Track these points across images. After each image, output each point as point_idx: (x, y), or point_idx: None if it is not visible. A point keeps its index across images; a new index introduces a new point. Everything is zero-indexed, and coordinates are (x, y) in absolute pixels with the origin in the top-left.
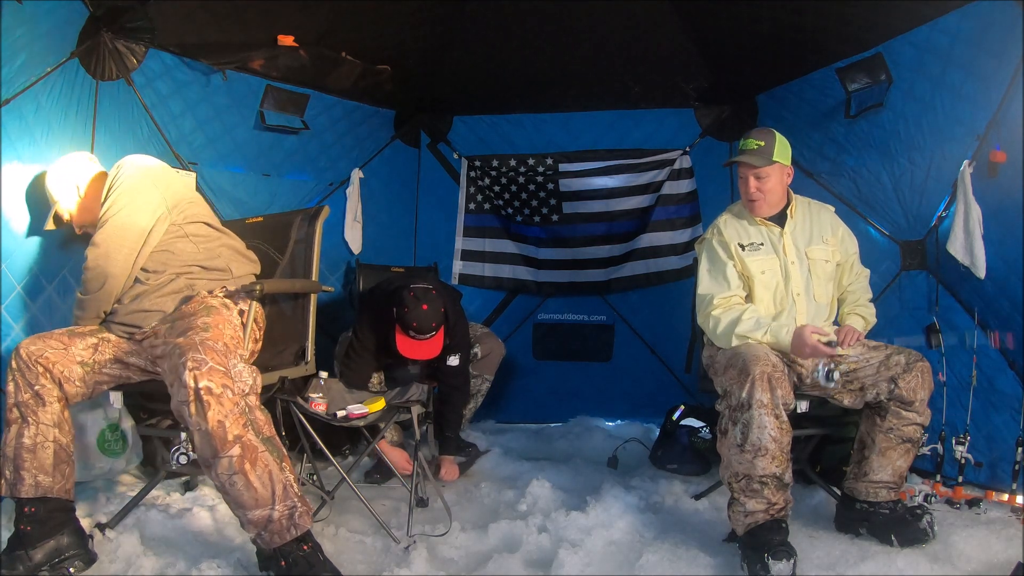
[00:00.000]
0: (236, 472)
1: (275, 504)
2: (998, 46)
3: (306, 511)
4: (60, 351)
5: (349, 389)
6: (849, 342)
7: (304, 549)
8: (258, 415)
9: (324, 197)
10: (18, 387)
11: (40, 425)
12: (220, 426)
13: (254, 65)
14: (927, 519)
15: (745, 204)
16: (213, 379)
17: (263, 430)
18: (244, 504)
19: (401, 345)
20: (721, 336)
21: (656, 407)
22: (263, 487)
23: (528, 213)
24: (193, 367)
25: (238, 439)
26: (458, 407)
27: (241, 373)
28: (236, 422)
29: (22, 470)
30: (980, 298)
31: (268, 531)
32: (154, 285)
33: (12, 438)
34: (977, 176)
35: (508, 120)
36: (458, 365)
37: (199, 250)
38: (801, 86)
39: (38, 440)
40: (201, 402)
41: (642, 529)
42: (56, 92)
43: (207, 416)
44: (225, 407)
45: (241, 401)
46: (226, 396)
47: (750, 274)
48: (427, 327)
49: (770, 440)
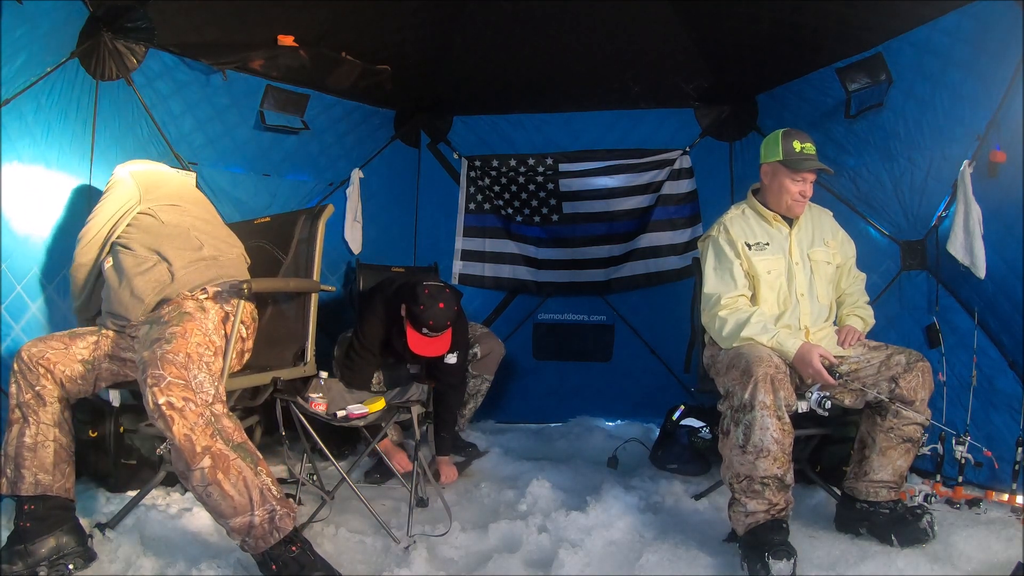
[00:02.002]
0: (210, 483)
1: (254, 510)
2: (998, 46)
3: (286, 513)
4: (61, 351)
5: (350, 389)
6: (850, 342)
7: (293, 550)
8: (225, 423)
9: (324, 197)
10: (20, 388)
11: (41, 424)
12: (187, 439)
13: (254, 65)
14: (927, 519)
15: (789, 205)
16: (172, 393)
17: (233, 437)
18: (223, 513)
19: (413, 342)
20: (727, 337)
21: (656, 407)
22: (239, 494)
23: (528, 213)
24: (152, 383)
25: (207, 450)
26: (453, 406)
27: (203, 384)
28: (203, 433)
29: (23, 468)
30: (980, 298)
31: (252, 536)
32: (132, 266)
33: (13, 437)
34: (977, 176)
35: (508, 120)
36: (456, 363)
37: (176, 233)
38: (801, 86)
39: (39, 439)
40: (164, 417)
41: (642, 529)
42: (56, 92)
43: (173, 430)
44: (189, 420)
45: (206, 411)
46: (188, 409)
47: (756, 273)
48: (442, 324)
49: (772, 441)
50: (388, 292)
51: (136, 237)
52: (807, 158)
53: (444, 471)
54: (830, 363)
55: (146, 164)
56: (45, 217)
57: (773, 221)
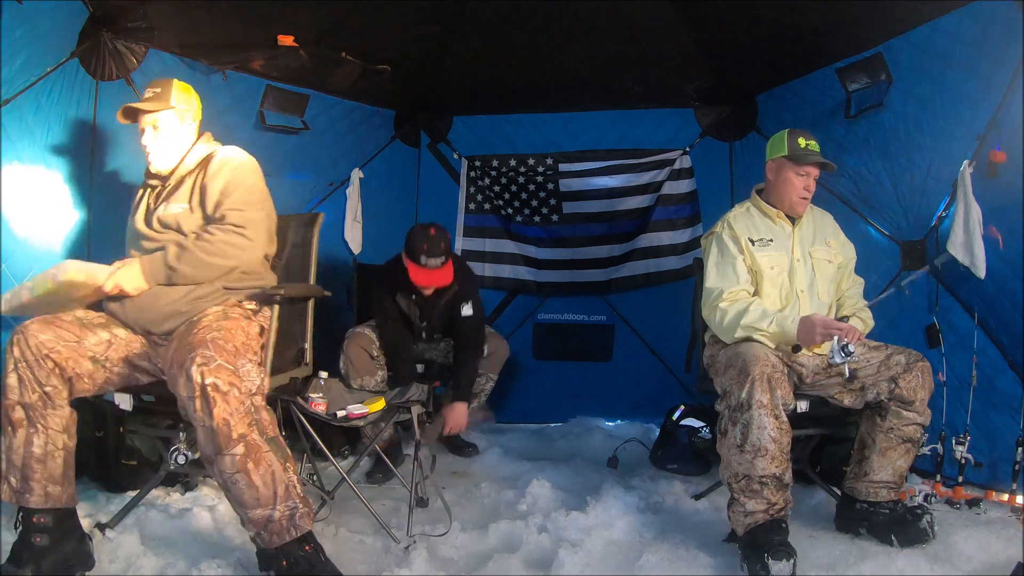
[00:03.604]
0: (239, 471)
1: (276, 504)
2: (998, 46)
3: (307, 512)
4: (72, 344)
5: (396, 365)
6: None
7: (306, 550)
8: (263, 415)
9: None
10: (23, 383)
11: (50, 431)
12: (225, 423)
13: (254, 65)
14: (927, 519)
15: (793, 201)
16: (220, 376)
17: (268, 430)
18: (245, 503)
19: (415, 275)
20: (727, 328)
21: (656, 407)
22: (265, 487)
23: (528, 213)
24: (201, 363)
25: (242, 437)
26: (471, 360)
27: (250, 372)
28: (241, 420)
29: (31, 480)
30: (980, 298)
31: (268, 531)
32: (187, 290)
33: (20, 444)
34: (977, 176)
35: (508, 120)
36: (472, 315)
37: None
38: (801, 86)
39: (48, 449)
40: (207, 398)
41: (642, 529)
42: (56, 92)
43: (213, 412)
44: (231, 405)
45: (247, 400)
46: (232, 394)
47: (759, 269)
48: (436, 249)
49: (770, 440)
50: (387, 266)
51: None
52: (811, 153)
53: (452, 416)
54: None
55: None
56: (45, 218)
57: (777, 219)
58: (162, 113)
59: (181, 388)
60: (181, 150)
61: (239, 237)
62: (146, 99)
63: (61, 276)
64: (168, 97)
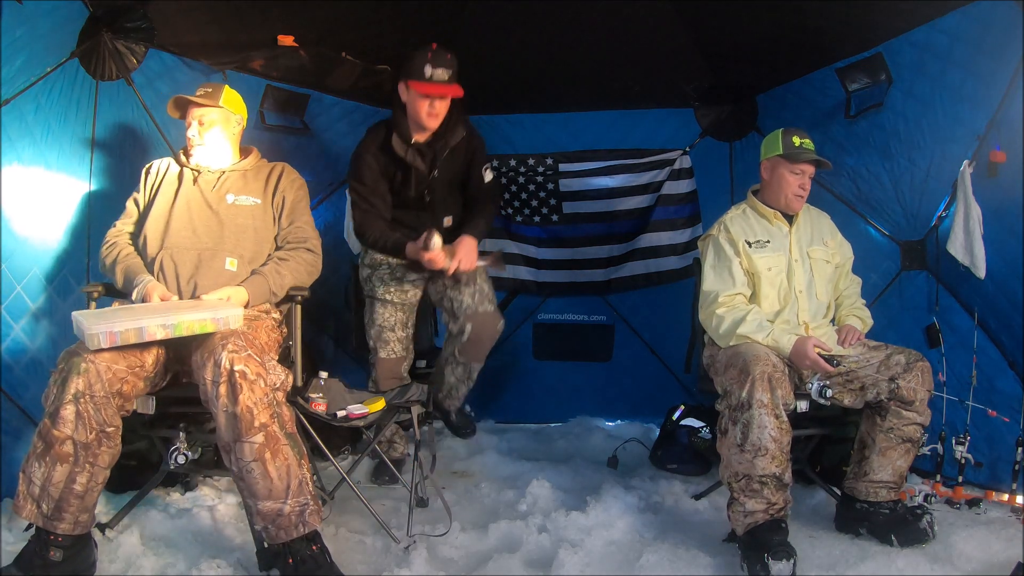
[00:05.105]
0: (255, 459)
1: (288, 498)
2: (998, 46)
3: (317, 510)
4: (136, 370)
5: (380, 251)
6: (850, 341)
7: (313, 550)
8: (284, 411)
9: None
10: (81, 420)
11: (95, 468)
12: (248, 411)
13: (254, 65)
14: (927, 519)
15: (788, 199)
16: (249, 365)
17: (287, 425)
18: (257, 493)
19: (421, 90)
20: (723, 335)
21: (656, 407)
22: (279, 479)
23: (528, 213)
24: (232, 350)
25: (263, 427)
26: (485, 215)
27: (275, 367)
28: (264, 411)
29: (65, 512)
30: (980, 298)
31: (276, 525)
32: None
33: (61, 480)
34: (977, 176)
35: (508, 120)
36: (491, 181)
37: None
38: (801, 86)
39: (90, 485)
40: (234, 384)
41: (642, 529)
42: (56, 92)
43: (238, 399)
44: (256, 394)
45: (271, 393)
46: (259, 384)
47: (756, 271)
48: (442, 60)
49: (770, 440)
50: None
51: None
52: (806, 151)
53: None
54: (827, 352)
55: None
56: (45, 218)
57: (773, 219)
58: (210, 110)
59: (208, 372)
60: (226, 148)
61: (315, 256)
62: (198, 96)
63: (235, 324)
64: (218, 98)
